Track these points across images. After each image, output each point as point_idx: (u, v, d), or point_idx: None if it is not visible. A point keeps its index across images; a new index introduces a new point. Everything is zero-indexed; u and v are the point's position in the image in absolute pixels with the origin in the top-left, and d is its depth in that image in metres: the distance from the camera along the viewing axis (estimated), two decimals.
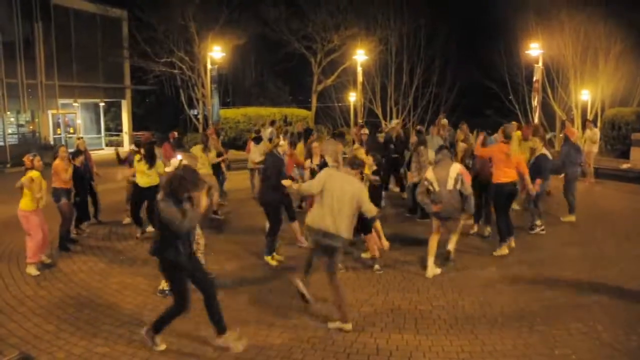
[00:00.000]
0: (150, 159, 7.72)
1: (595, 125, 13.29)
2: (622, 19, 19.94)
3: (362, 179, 5.68)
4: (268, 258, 6.71)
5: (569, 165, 8.94)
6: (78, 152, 8.09)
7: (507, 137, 7.12)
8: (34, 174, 6.32)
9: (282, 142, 6.92)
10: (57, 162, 7.47)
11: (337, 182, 4.72)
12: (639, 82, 22.08)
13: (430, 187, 5.98)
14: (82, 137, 9.77)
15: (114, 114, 29.98)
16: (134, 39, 24.22)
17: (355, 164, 5.27)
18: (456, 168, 6.00)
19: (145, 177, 7.74)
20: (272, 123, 14.00)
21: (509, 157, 6.89)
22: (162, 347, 4.28)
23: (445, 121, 11.79)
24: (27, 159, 6.44)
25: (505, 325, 4.74)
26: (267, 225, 6.81)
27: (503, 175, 6.87)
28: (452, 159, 6.27)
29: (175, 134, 11.61)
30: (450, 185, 5.88)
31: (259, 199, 6.93)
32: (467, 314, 5.04)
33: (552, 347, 4.30)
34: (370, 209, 4.80)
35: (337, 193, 4.65)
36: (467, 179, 6.05)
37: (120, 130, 28.66)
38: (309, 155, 8.02)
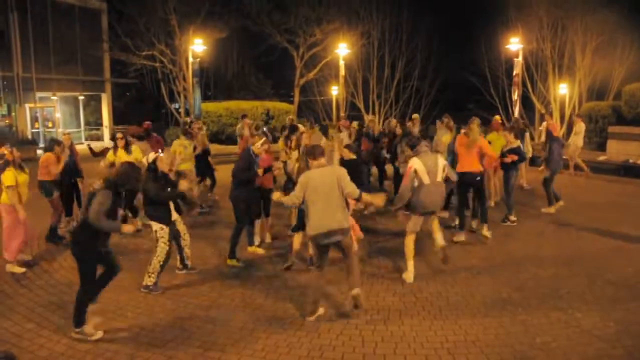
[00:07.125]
0: (127, 146, 8.09)
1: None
2: (598, 15, 20.35)
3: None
4: (251, 248, 6.92)
5: (553, 160, 9.08)
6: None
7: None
8: (21, 178, 6.23)
9: (257, 143, 6.50)
10: (47, 155, 7.41)
11: (318, 178, 4.70)
12: (615, 76, 22.52)
13: (417, 180, 5.68)
14: (68, 133, 9.32)
15: (94, 108, 29.40)
16: (114, 32, 23.83)
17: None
18: (441, 159, 5.95)
19: None
20: (243, 117, 13.90)
21: (469, 148, 7.26)
22: (99, 334, 4.38)
23: (416, 115, 12.58)
24: (6, 151, 6.29)
25: (488, 315, 4.83)
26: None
27: (464, 165, 7.26)
28: (431, 150, 6.17)
29: (149, 123, 11.02)
30: (439, 177, 5.76)
31: (229, 196, 6.63)
32: (450, 305, 5.12)
33: (533, 335, 4.39)
34: (354, 191, 4.73)
35: (323, 188, 4.66)
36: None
37: (101, 124, 28.16)
38: (297, 145, 7.88)
